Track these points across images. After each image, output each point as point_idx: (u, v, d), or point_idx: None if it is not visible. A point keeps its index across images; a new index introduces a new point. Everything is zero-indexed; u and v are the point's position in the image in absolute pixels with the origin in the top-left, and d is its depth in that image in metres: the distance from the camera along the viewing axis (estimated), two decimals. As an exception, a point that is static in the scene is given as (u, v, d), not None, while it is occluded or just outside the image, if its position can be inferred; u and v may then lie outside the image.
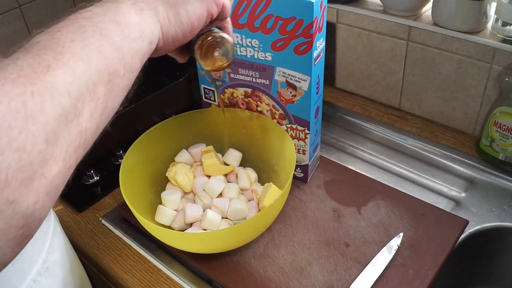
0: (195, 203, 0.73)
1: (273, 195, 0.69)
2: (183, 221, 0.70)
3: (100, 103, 0.37)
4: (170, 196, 0.72)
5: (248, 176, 0.75)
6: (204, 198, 0.72)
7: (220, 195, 0.73)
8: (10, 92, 0.30)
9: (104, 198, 0.83)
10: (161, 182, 0.77)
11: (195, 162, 0.79)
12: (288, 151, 0.71)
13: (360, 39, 0.95)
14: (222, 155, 0.80)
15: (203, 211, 0.70)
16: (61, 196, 0.88)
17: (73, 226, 0.78)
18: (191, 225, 0.71)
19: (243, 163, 0.80)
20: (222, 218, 0.70)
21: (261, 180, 0.78)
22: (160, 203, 0.73)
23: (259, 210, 0.71)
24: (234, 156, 0.79)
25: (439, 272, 0.65)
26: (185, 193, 0.75)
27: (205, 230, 0.68)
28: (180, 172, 0.74)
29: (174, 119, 0.79)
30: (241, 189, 0.75)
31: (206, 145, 0.80)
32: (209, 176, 0.76)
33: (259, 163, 0.79)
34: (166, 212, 0.70)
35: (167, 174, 0.75)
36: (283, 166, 0.73)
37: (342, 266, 0.66)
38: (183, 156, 0.78)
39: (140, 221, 0.64)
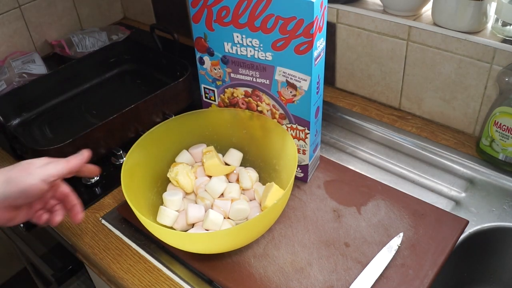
0: (196, 203, 0.73)
1: (275, 194, 0.69)
2: (185, 222, 0.70)
3: None
4: (172, 197, 0.72)
5: (250, 176, 0.75)
6: (205, 198, 0.72)
7: (222, 195, 0.73)
8: None
9: (104, 198, 0.83)
10: (162, 183, 0.77)
11: (195, 162, 0.79)
12: (289, 150, 0.71)
13: (360, 39, 0.95)
14: (223, 155, 0.80)
15: (205, 211, 0.70)
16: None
17: (73, 226, 0.78)
18: (192, 225, 0.71)
19: (244, 163, 0.80)
20: (224, 218, 0.69)
21: (262, 180, 0.78)
22: (161, 204, 0.73)
23: (261, 210, 0.71)
24: (235, 156, 0.79)
25: (439, 272, 0.65)
26: (186, 193, 0.75)
27: (207, 230, 0.68)
28: (182, 172, 0.74)
29: (174, 119, 0.79)
30: (243, 189, 0.75)
31: (207, 145, 0.80)
32: (210, 176, 0.76)
33: (260, 163, 0.79)
34: (168, 213, 0.70)
35: (168, 175, 0.75)
36: (284, 165, 0.73)
37: (342, 266, 0.66)
38: (184, 156, 0.78)
39: (142, 222, 0.64)
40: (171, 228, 0.71)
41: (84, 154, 0.65)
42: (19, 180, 0.58)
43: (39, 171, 0.60)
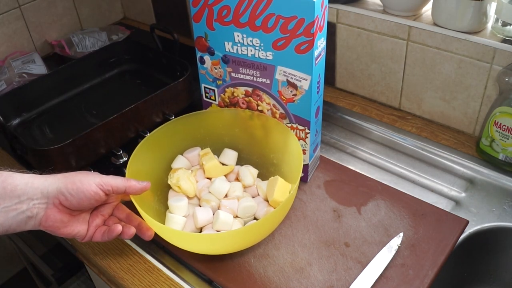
0: (200, 206, 0.72)
1: (282, 188, 0.69)
2: (194, 226, 0.69)
3: None
4: (178, 203, 0.71)
5: (251, 172, 0.75)
6: (211, 200, 0.71)
7: (226, 195, 0.72)
8: None
9: (104, 198, 0.83)
10: (162, 191, 0.76)
11: (192, 166, 0.79)
12: (293, 146, 0.71)
13: (360, 39, 0.95)
14: (217, 156, 0.79)
15: (213, 213, 0.70)
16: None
17: (73, 225, 0.78)
18: (201, 229, 0.70)
19: (239, 162, 0.79)
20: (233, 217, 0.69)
21: (260, 176, 0.77)
22: (164, 211, 0.72)
23: (270, 205, 0.70)
24: (230, 155, 0.78)
25: (439, 272, 0.65)
26: (189, 198, 0.74)
27: (218, 231, 0.67)
28: (183, 177, 0.73)
29: (166, 126, 0.77)
30: (244, 187, 0.74)
31: (201, 148, 0.79)
32: (210, 178, 0.75)
33: (255, 159, 0.79)
34: (177, 219, 0.69)
35: (169, 182, 0.74)
36: (288, 161, 0.73)
37: (342, 266, 0.66)
38: (180, 162, 0.78)
39: (157, 230, 0.65)
40: None
41: (146, 185, 0.66)
42: (77, 179, 0.60)
43: (98, 177, 0.62)
